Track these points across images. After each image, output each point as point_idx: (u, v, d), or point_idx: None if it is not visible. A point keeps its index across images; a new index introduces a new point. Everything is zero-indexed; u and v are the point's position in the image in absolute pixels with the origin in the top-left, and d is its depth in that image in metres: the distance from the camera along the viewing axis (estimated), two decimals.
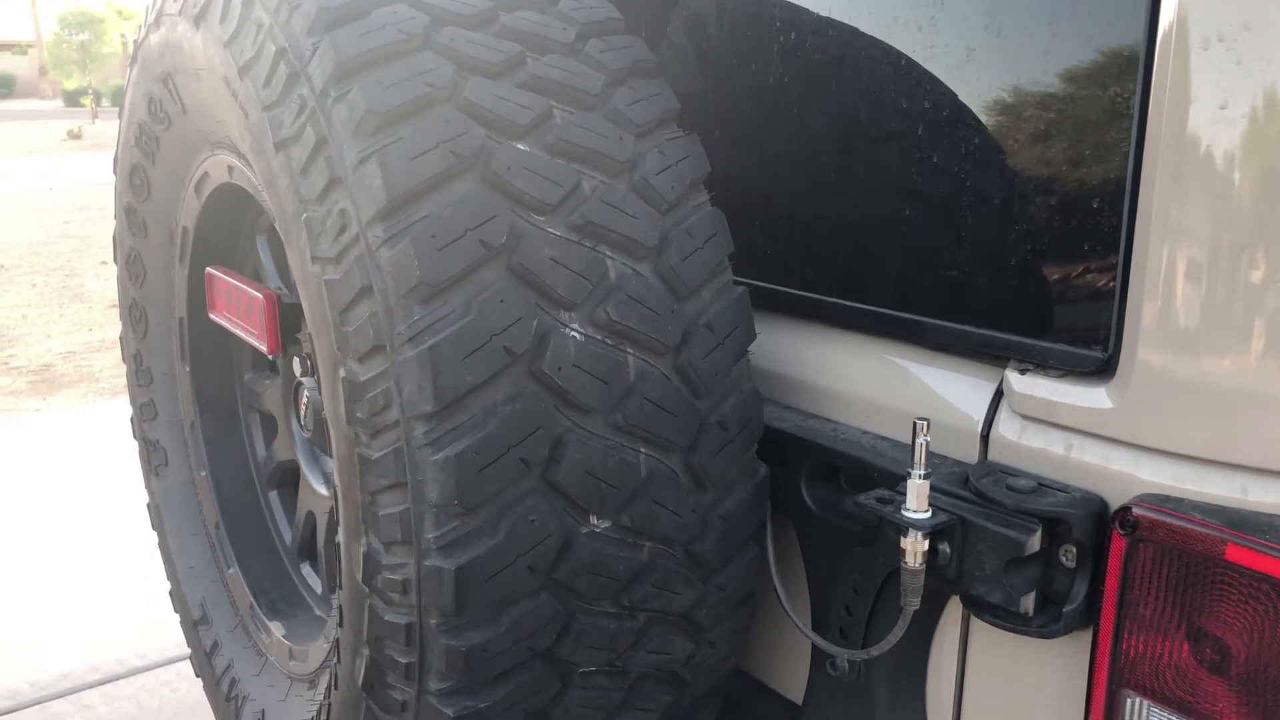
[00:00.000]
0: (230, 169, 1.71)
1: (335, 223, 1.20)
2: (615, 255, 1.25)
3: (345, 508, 1.26)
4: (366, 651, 1.26)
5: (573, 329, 1.21)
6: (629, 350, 1.24)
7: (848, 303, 1.45)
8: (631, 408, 1.24)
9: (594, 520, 1.24)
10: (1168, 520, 1.06)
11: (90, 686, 3.64)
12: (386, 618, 1.22)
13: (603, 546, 1.24)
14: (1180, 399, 1.09)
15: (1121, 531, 1.10)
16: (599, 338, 1.23)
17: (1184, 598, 1.07)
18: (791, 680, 1.57)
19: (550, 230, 1.22)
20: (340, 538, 1.29)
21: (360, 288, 1.17)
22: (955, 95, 1.31)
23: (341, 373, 1.20)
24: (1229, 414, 1.06)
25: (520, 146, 1.24)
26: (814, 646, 1.47)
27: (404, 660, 1.22)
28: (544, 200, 1.22)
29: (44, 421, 6.41)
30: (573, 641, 1.25)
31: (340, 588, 1.34)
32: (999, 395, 1.28)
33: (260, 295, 1.57)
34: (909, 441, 1.21)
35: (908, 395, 1.37)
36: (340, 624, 1.33)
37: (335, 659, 1.36)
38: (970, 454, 1.30)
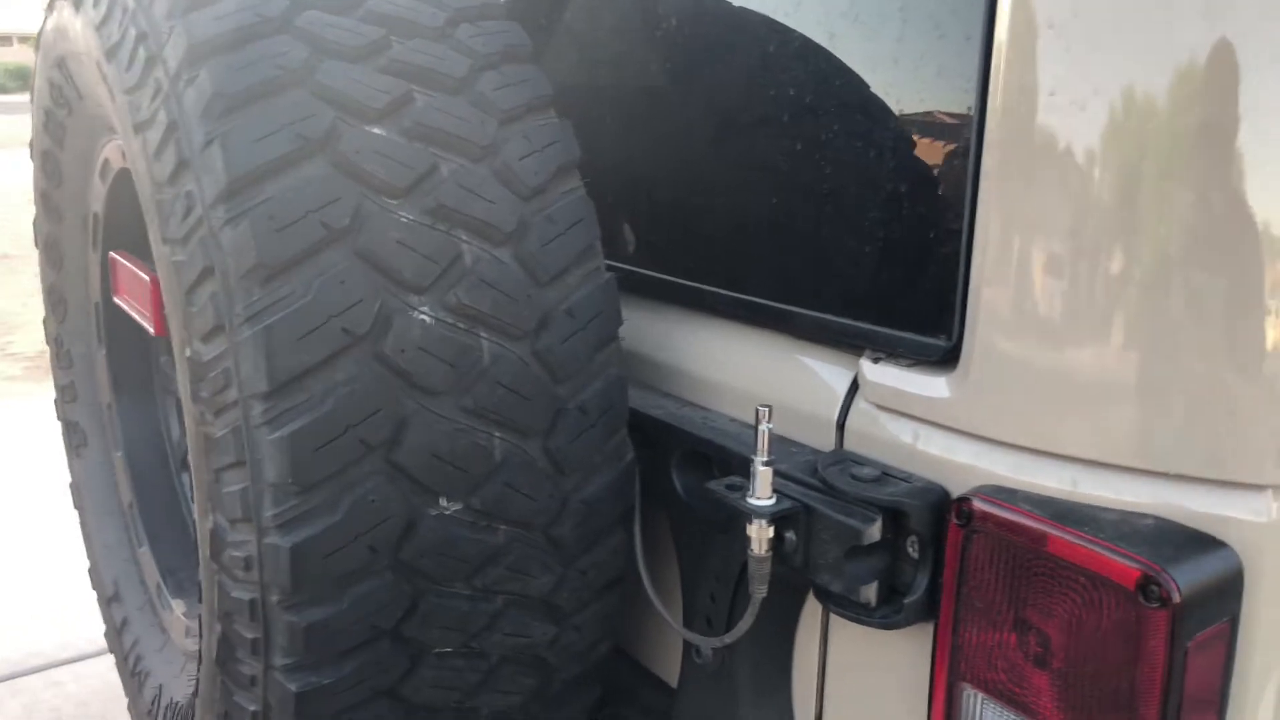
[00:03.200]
0: (124, 154, 1.72)
1: (183, 205, 1.21)
2: (471, 239, 1.26)
3: (196, 485, 1.27)
4: (218, 627, 1.27)
5: (421, 312, 1.22)
6: (482, 334, 1.25)
7: (720, 291, 1.45)
8: (483, 391, 1.24)
9: (443, 502, 1.24)
10: (997, 512, 1.06)
11: (61, 664, 3.70)
12: (233, 594, 1.23)
13: (452, 529, 1.25)
14: (1017, 390, 1.09)
15: (957, 522, 1.10)
16: (450, 321, 1.23)
17: (1013, 590, 1.06)
18: (669, 664, 1.57)
19: (401, 214, 1.22)
20: (195, 515, 1.31)
21: (203, 268, 1.18)
22: (808, 83, 1.31)
23: (187, 352, 1.21)
24: (1061, 406, 1.06)
25: (374, 130, 1.24)
26: None
27: (250, 635, 1.23)
28: (395, 183, 1.22)
29: (35, 407, 6.48)
30: (421, 621, 1.26)
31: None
32: (856, 384, 1.27)
33: (147, 277, 1.59)
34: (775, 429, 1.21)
35: (773, 383, 1.37)
36: (199, 600, 1.35)
37: (200, 635, 1.38)
38: (828, 443, 1.29)
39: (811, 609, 1.34)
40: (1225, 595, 0.94)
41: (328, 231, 1.18)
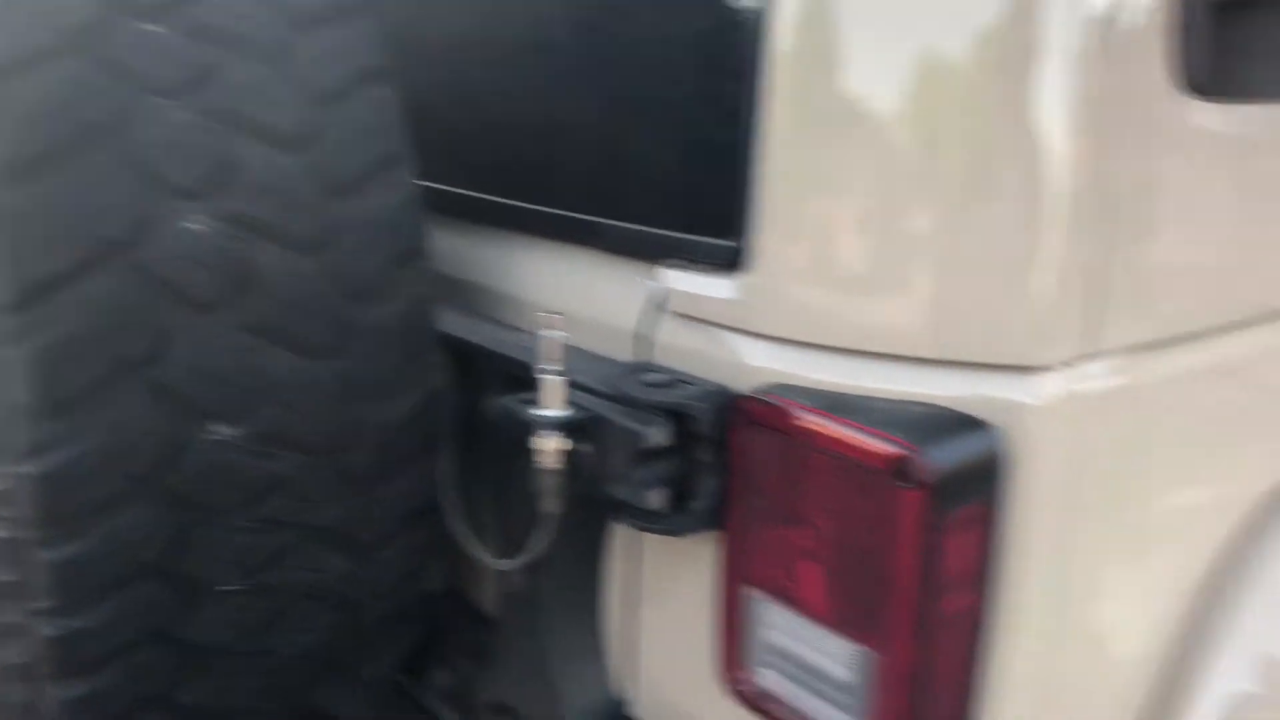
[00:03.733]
0: None
1: None
2: (253, 143, 1.18)
3: None
4: None
5: (192, 219, 1.14)
6: (262, 245, 1.17)
7: (527, 206, 1.40)
8: (261, 306, 1.17)
9: (214, 426, 1.16)
10: (772, 407, 1.03)
11: None
12: None
13: (227, 454, 1.16)
14: (798, 288, 1.07)
15: (738, 422, 1.06)
16: (225, 230, 1.15)
17: (788, 486, 1.03)
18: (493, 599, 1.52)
19: (174, 115, 1.14)
20: None
21: None
22: None
23: None
24: (838, 301, 1.05)
25: (149, 27, 1.16)
26: None
27: (10, 579, 1.14)
28: (168, 82, 1.14)
29: None
30: (193, 555, 1.17)
31: None
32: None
33: None
34: (583, 346, 1.16)
35: (581, 298, 1.32)
36: None
37: None
38: (635, 354, 1.25)
39: (621, 529, 1.29)
40: (985, 476, 0.91)
41: (85, 130, 1.09)
